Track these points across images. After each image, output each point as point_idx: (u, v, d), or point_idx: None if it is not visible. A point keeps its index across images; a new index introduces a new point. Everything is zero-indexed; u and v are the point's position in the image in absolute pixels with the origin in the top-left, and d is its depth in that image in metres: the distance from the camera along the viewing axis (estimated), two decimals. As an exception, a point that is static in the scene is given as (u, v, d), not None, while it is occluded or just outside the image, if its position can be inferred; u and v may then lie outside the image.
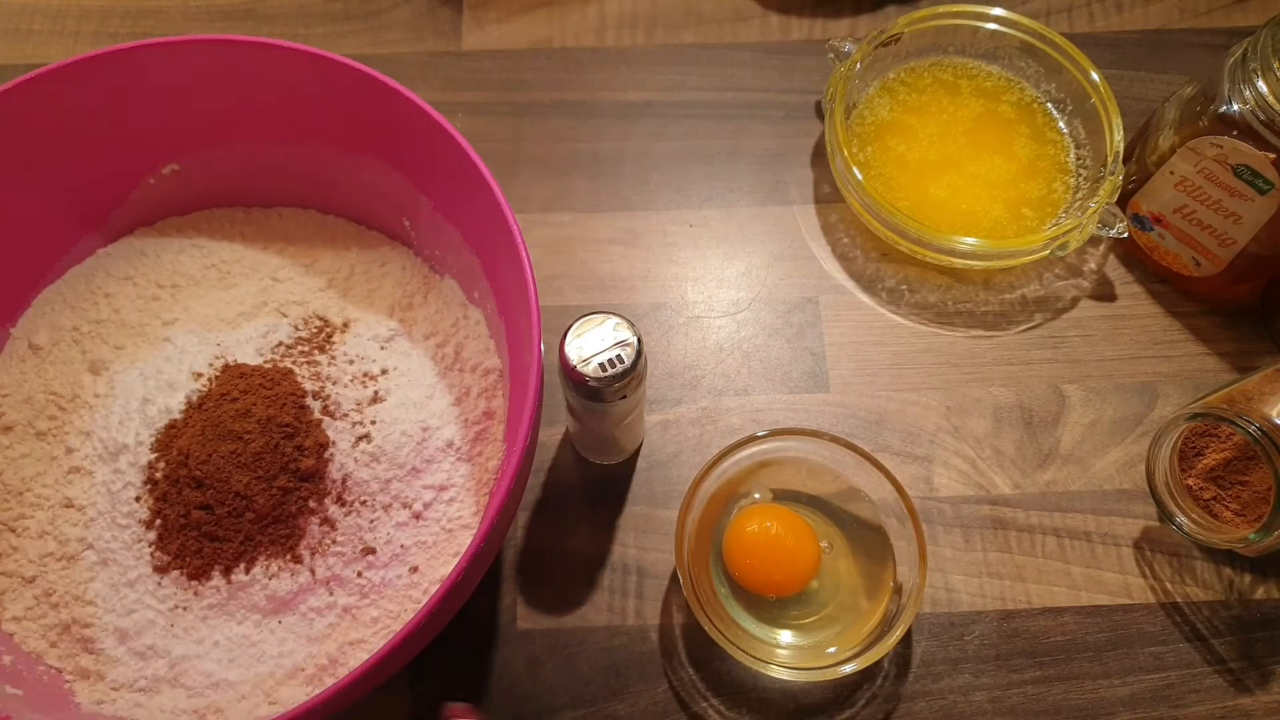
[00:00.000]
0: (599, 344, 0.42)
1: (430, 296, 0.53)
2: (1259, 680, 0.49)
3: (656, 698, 0.49)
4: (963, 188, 0.59)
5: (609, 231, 0.60)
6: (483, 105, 0.64)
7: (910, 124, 0.61)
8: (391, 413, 0.48)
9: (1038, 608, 0.51)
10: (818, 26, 0.67)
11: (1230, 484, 0.49)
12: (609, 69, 0.65)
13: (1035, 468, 0.54)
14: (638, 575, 0.51)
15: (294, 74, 0.49)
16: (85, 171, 0.52)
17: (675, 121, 0.64)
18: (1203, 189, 0.52)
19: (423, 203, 0.52)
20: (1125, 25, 0.67)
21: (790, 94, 0.64)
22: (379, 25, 0.67)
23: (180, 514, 0.46)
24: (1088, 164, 0.59)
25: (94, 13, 0.68)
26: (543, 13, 0.67)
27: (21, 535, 0.48)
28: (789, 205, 0.61)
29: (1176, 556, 0.52)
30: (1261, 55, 0.48)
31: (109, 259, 0.54)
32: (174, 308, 0.53)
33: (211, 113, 0.51)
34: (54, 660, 0.46)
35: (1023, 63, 0.62)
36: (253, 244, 0.55)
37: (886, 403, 0.55)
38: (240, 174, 0.55)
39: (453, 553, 0.47)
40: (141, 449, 0.47)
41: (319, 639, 0.46)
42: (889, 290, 0.59)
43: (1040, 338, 0.57)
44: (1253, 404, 0.47)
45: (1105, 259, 0.59)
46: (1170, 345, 0.57)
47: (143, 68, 0.49)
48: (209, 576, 0.46)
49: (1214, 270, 0.55)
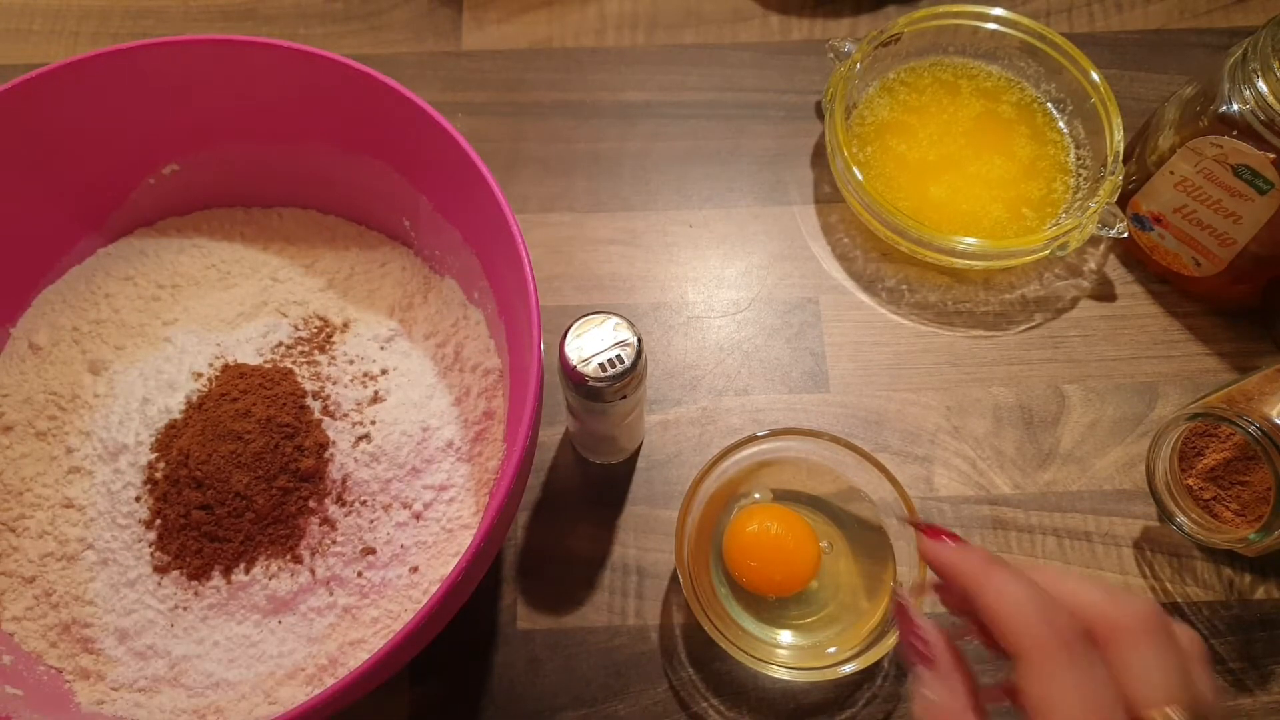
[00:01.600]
0: (599, 344, 0.42)
1: (430, 296, 0.53)
2: (1259, 680, 0.49)
3: (656, 698, 0.49)
4: (963, 188, 0.59)
5: (609, 231, 0.60)
6: (483, 105, 0.64)
7: (910, 124, 0.61)
8: (391, 413, 0.48)
9: (1038, 608, 0.51)
10: (818, 26, 0.67)
11: (1230, 484, 0.49)
12: (609, 69, 0.65)
13: (1035, 468, 0.54)
14: (638, 575, 0.51)
15: (294, 74, 0.49)
16: (85, 172, 0.52)
17: (675, 121, 0.64)
18: (1203, 189, 0.52)
19: (423, 203, 0.52)
20: (1125, 25, 0.66)
21: (790, 94, 0.64)
22: (379, 25, 0.67)
23: (180, 514, 0.46)
24: (1088, 164, 0.59)
25: (94, 13, 0.68)
26: (543, 13, 0.67)
27: (21, 535, 0.48)
28: (789, 205, 0.61)
29: (1176, 557, 0.52)
30: (1261, 55, 0.48)
31: (109, 259, 0.54)
32: (174, 308, 0.53)
33: (211, 113, 0.51)
34: (54, 660, 0.46)
35: (1023, 63, 0.62)
36: (253, 244, 0.55)
37: (886, 403, 0.55)
38: (240, 174, 0.55)
39: (453, 553, 0.47)
40: (141, 449, 0.47)
41: (319, 639, 0.46)
42: (889, 290, 0.59)
43: (1040, 338, 0.57)
44: (1253, 404, 0.47)
45: (1105, 259, 0.59)
46: (1170, 345, 0.57)
47: (143, 68, 0.49)
48: (209, 576, 0.46)
49: (1214, 270, 0.55)
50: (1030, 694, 0.29)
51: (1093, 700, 0.29)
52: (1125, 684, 0.29)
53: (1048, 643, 0.29)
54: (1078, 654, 0.29)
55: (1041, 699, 0.29)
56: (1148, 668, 0.29)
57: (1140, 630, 0.30)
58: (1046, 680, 0.29)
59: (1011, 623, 0.30)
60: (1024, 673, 0.29)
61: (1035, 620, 0.30)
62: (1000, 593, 0.31)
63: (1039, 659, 0.29)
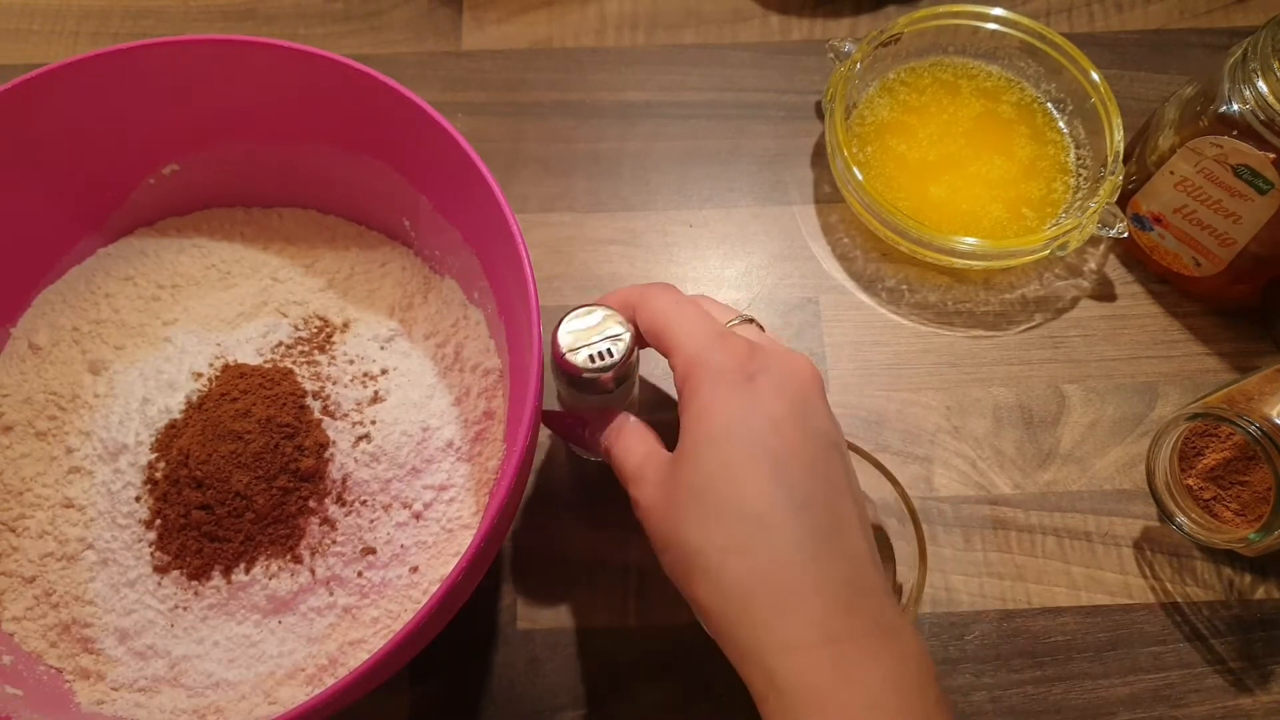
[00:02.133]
0: (590, 335, 0.43)
1: (430, 296, 0.53)
2: (1259, 680, 0.49)
3: (657, 698, 0.49)
4: (963, 188, 0.59)
5: (609, 231, 0.60)
6: (483, 105, 0.64)
7: (910, 124, 0.61)
8: (391, 413, 0.48)
9: (1037, 608, 0.51)
10: (818, 26, 0.67)
11: (1230, 484, 0.49)
12: (609, 69, 0.65)
13: (1035, 468, 0.54)
14: (638, 575, 0.51)
15: (294, 74, 0.49)
16: (85, 172, 0.52)
17: (675, 121, 0.64)
18: (1203, 189, 0.52)
19: (422, 203, 0.52)
20: (1125, 25, 0.67)
21: (790, 94, 0.64)
22: (379, 25, 0.67)
23: (180, 514, 0.46)
24: (1088, 164, 0.59)
25: (94, 13, 0.68)
26: (543, 13, 0.67)
27: (21, 535, 0.48)
28: (789, 205, 0.61)
29: (1176, 556, 0.52)
30: (1261, 55, 0.48)
31: (109, 259, 0.54)
32: (174, 308, 0.53)
33: (211, 113, 0.51)
34: (54, 660, 0.46)
35: (1023, 63, 0.62)
36: (253, 244, 0.55)
37: (886, 403, 0.55)
38: (240, 174, 0.55)
39: (453, 553, 0.47)
40: (141, 449, 0.47)
41: (319, 639, 0.46)
42: (889, 290, 0.59)
43: (1040, 338, 0.57)
44: (1253, 404, 0.47)
45: (1105, 259, 0.59)
46: (1170, 345, 0.57)
47: (143, 68, 0.49)
48: (209, 576, 0.46)
49: (1214, 270, 0.55)
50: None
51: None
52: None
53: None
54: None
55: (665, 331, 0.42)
56: (713, 308, 0.43)
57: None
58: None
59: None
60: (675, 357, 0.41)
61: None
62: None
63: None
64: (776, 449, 0.37)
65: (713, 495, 0.37)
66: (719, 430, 0.37)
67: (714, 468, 0.37)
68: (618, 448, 0.42)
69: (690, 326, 0.40)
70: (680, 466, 0.38)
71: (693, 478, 0.37)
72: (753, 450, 0.37)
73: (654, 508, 0.39)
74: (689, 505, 0.37)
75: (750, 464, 0.37)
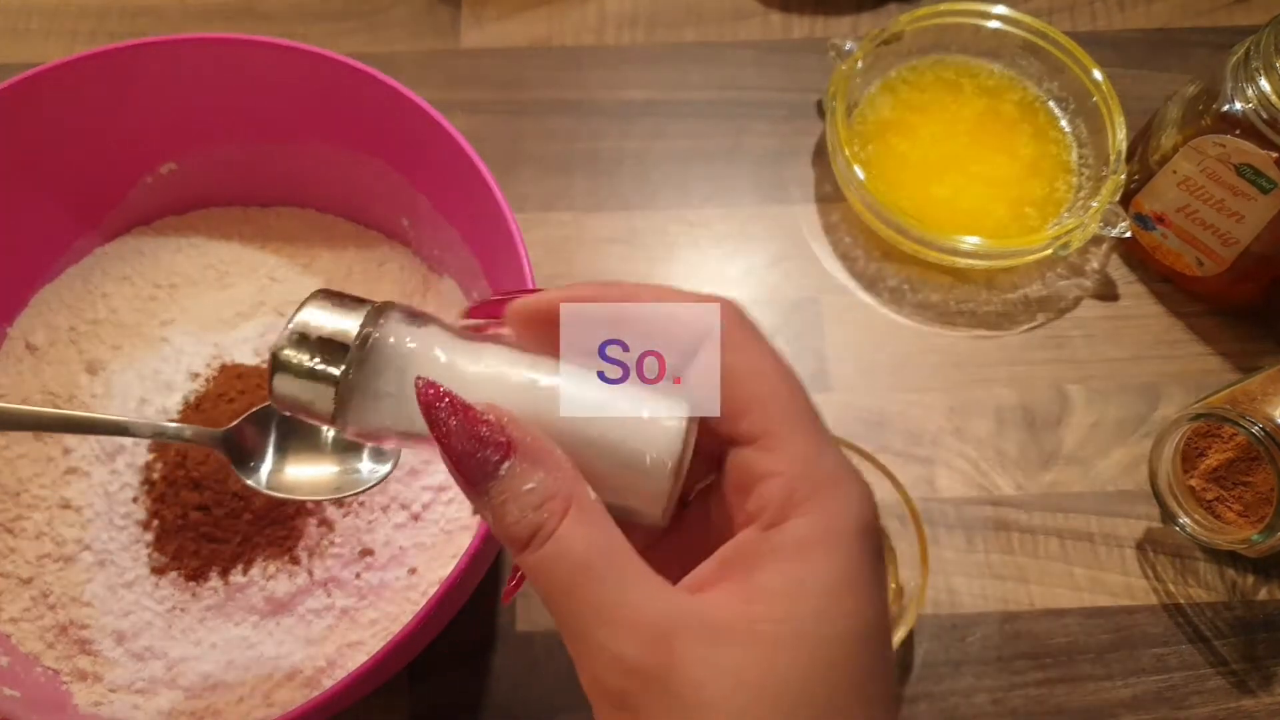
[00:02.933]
0: None
1: (429, 296, 0.53)
2: (1262, 682, 0.49)
3: (657, 700, 0.49)
4: (965, 187, 0.59)
5: (609, 231, 0.60)
6: (482, 104, 0.64)
7: (912, 123, 0.61)
8: (390, 413, 0.48)
9: (1040, 609, 0.50)
10: (819, 25, 0.67)
11: (1233, 485, 0.49)
12: (609, 67, 0.65)
13: (1038, 468, 0.54)
14: (638, 576, 0.51)
15: (292, 73, 0.49)
16: (82, 171, 0.52)
17: (675, 120, 0.63)
18: (1205, 188, 0.52)
19: (421, 202, 0.51)
20: (1128, 24, 0.66)
21: (791, 93, 0.64)
22: (377, 24, 0.67)
23: (178, 515, 0.45)
24: (1090, 163, 0.59)
25: (91, 11, 0.68)
26: (542, 11, 0.67)
27: (18, 536, 0.48)
28: (790, 205, 0.61)
29: (1179, 558, 0.52)
30: (1264, 54, 0.48)
31: (106, 259, 0.54)
32: (171, 308, 0.53)
33: (209, 112, 0.51)
34: (51, 661, 0.46)
35: (1025, 61, 0.62)
36: (250, 243, 0.55)
37: (888, 403, 0.55)
38: (238, 173, 0.54)
39: (451, 554, 0.47)
40: (139, 450, 0.47)
41: (317, 641, 0.45)
42: (891, 290, 0.58)
43: (1043, 338, 0.57)
44: (1256, 404, 0.47)
45: (1108, 259, 0.59)
46: (1173, 345, 0.57)
47: (140, 67, 0.49)
48: (206, 578, 0.45)
49: (1217, 270, 0.55)
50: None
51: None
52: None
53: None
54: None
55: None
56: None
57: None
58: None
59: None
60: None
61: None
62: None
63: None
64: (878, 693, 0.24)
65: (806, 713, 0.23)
66: (863, 629, 0.24)
67: (834, 678, 0.23)
68: (546, 522, 0.25)
69: (787, 391, 0.26)
70: (779, 650, 0.23)
71: (790, 675, 0.23)
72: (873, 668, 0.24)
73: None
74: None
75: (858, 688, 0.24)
